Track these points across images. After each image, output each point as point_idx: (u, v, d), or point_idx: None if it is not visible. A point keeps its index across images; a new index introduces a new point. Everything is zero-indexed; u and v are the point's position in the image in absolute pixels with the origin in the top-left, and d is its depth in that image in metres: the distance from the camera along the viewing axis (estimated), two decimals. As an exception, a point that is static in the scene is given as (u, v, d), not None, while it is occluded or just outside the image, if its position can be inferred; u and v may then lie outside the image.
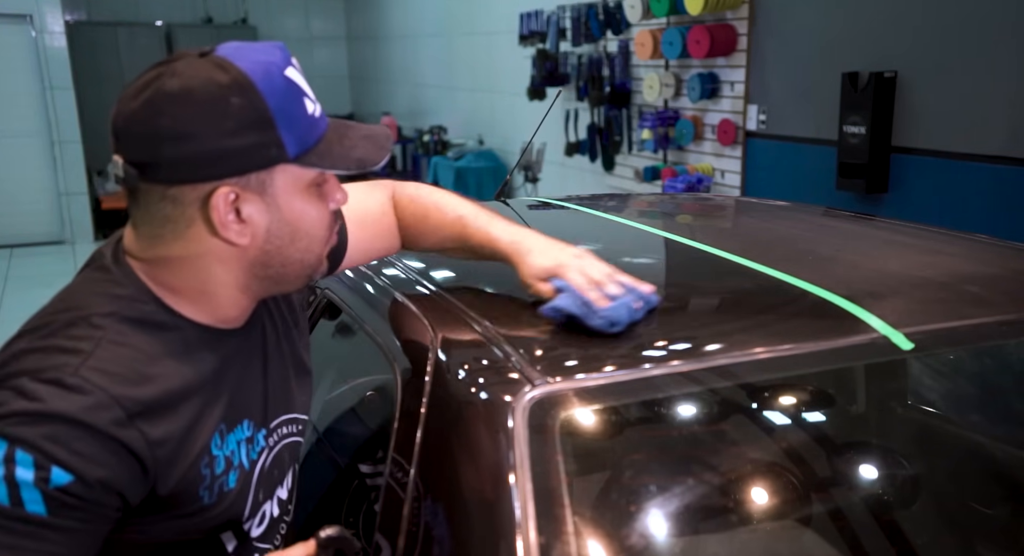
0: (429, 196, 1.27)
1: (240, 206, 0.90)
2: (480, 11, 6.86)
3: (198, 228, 0.91)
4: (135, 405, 0.86)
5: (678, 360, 1.07)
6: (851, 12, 3.44)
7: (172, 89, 0.86)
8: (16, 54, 7.34)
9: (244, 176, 0.89)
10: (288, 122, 0.89)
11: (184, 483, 0.92)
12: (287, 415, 1.11)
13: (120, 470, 0.85)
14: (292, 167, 0.91)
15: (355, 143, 0.97)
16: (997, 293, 1.32)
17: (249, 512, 1.03)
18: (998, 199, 2.95)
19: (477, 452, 0.99)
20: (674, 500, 1.07)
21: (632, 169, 4.83)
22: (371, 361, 1.32)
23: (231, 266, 0.95)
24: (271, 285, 1.00)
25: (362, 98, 10.26)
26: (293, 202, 0.93)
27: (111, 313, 0.90)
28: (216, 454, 0.96)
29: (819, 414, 1.28)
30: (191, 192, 0.89)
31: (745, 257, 1.40)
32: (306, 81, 0.94)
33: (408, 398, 1.12)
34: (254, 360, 1.05)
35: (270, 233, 0.93)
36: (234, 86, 0.87)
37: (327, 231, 0.99)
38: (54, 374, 0.84)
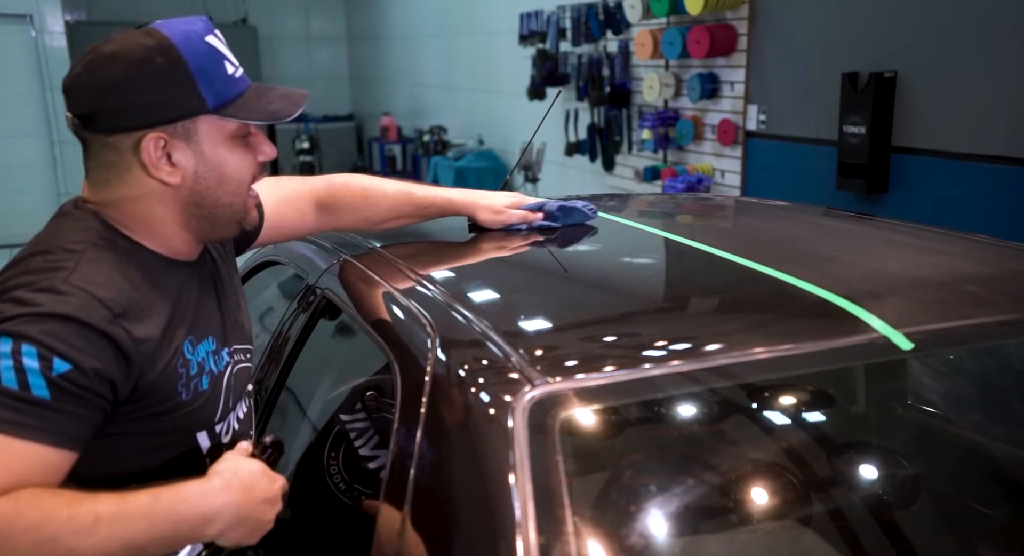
0: (363, 177, 1.52)
1: (170, 151, 1.06)
2: (480, 11, 6.86)
3: (136, 171, 1.07)
4: (118, 307, 1.00)
5: (678, 360, 1.07)
6: (851, 12, 3.43)
7: (107, 51, 1.04)
8: (16, 54, 7.33)
9: (171, 124, 1.05)
10: (207, 78, 1.05)
11: (164, 377, 1.06)
12: (240, 344, 1.25)
13: (110, 361, 0.98)
14: (213, 118, 1.07)
15: (272, 100, 1.12)
16: (997, 293, 1.32)
17: (220, 414, 1.17)
18: (998, 199, 2.95)
19: (477, 452, 0.99)
20: (674, 500, 1.07)
21: (632, 169, 4.83)
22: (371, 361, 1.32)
23: (169, 204, 1.10)
24: (208, 226, 1.14)
25: (362, 98, 10.25)
26: (217, 149, 1.09)
27: (82, 240, 1.05)
28: (189, 358, 1.10)
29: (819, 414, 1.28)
30: (127, 139, 1.05)
31: (745, 257, 1.40)
32: (227, 48, 1.11)
33: (408, 398, 1.12)
34: (208, 290, 1.20)
35: (197, 175, 1.09)
36: (158, 48, 1.04)
37: (250, 177, 1.14)
38: (47, 284, 0.98)
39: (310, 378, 1.70)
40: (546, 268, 1.47)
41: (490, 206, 1.57)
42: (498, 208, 1.57)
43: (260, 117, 1.11)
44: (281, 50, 10.13)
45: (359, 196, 1.48)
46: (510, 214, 1.57)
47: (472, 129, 7.33)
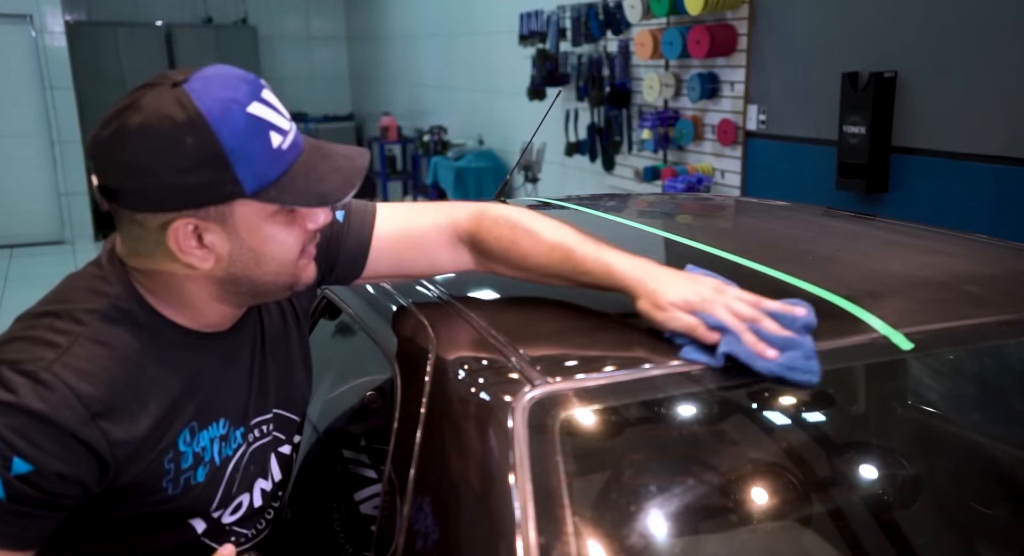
0: (520, 217, 1.20)
1: (202, 234, 0.96)
2: (480, 11, 6.86)
3: (164, 251, 0.97)
4: (99, 405, 0.92)
5: (678, 360, 1.07)
6: (851, 12, 3.43)
7: (133, 125, 0.91)
8: (16, 54, 7.34)
9: (202, 208, 0.94)
10: (246, 159, 0.92)
11: (145, 476, 0.98)
12: (274, 411, 1.16)
13: (79, 465, 0.92)
14: (251, 201, 0.95)
15: (323, 176, 0.98)
16: (997, 293, 1.32)
17: (219, 503, 1.09)
18: (998, 199, 2.95)
19: (477, 452, 0.99)
20: (674, 500, 1.07)
21: (632, 169, 4.83)
22: (371, 361, 1.32)
23: (202, 284, 1.01)
24: (248, 299, 1.05)
25: (362, 98, 10.25)
26: (256, 230, 0.97)
27: (94, 310, 0.97)
28: (184, 450, 1.02)
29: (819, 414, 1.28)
30: (154, 219, 0.95)
31: (745, 257, 1.40)
32: (279, 111, 0.96)
33: (408, 398, 1.12)
34: (239, 360, 1.10)
35: (233, 258, 0.98)
36: (189, 125, 0.90)
37: (296, 253, 1.02)
38: (30, 366, 0.91)
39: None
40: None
41: (653, 296, 1.10)
42: (660, 303, 1.09)
43: (306, 201, 0.97)
44: (281, 50, 10.13)
45: (505, 239, 1.19)
46: (672, 316, 1.08)
47: (472, 129, 7.33)
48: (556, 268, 1.18)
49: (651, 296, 1.10)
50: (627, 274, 1.13)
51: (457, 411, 1.04)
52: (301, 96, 9.93)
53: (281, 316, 1.18)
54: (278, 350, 1.16)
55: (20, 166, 7.56)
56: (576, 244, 1.17)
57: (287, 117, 0.98)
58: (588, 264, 1.16)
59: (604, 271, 1.15)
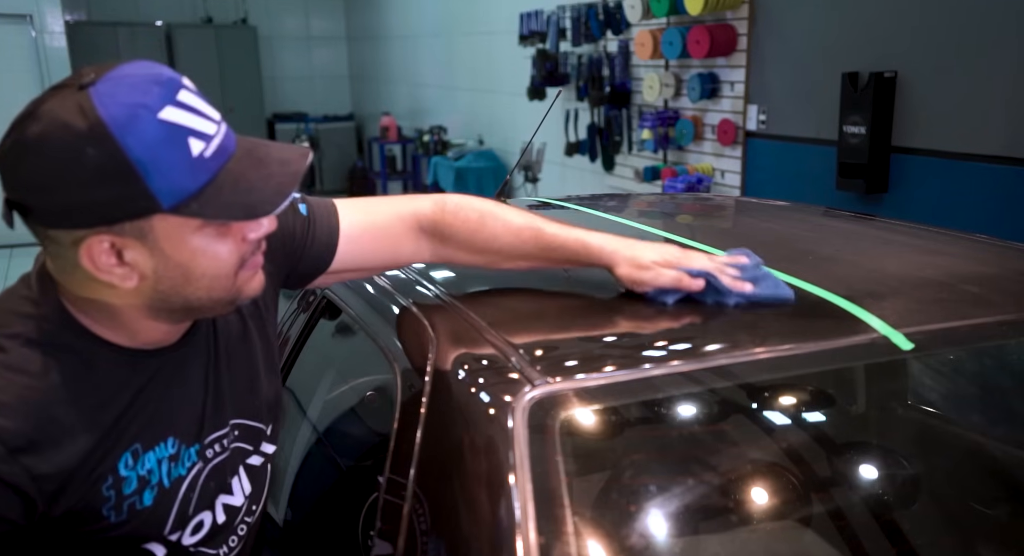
0: (484, 203, 1.22)
1: (121, 250, 0.86)
2: (480, 11, 6.86)
3: (82, 270, 0.87)
4: (20, 439, 0.84)
5: (678, 360, 1.07)
6: (851, 12, 3.44)
7: (31, 136, 0.82)
8: (16, 54, 7.34)
9: (116, 224, 0.84)
10: (158, 171, 0.81)
11: (82, 505, 0.91)
12: (232, 422, 1.07)
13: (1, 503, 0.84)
14: (171, 216, 0.85)
15: (252, 185, 0.87)
16: (997, 293, 1.32)
17: (172, 525, 1.01)
18: (998, 199, 2.95)
19: (477, 452, 0.99)
20: (674, 500, 1.07)
21: (632, 169, 4.83)
22: (371, 361, 1.32)
23: (131, 302, 0.91)
24: (184, 315, 0.96)
25: (362, 98, 10.26)
26: (182, 245, 0.87)
27: (17, 335, 0.89)
28: (125, 475, 0.94)
29: (819, 414, 1.28)
30: (67, 236, 0.86)
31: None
32: (200, 113, 0.85)
33: (408, 398, 1.12)
34: (189, 375, 1.02)
35: (159, 275, 0.88)
36: (90, 135, 0.80)
37: (232, 268, 0.92)
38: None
39: (310, 379, 1.70)
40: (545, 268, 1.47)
41: (634, 259, 1.19)
42: (643, 262, 1.18)
43: (231, 215, 0.87)
44: (281, 50, 10.14)
45: (472, 223, 1.19)
46: (658, 273, 1.17)
47: (472, 129, 7.33)
48: (526, 247, 1.22)
49: (632, 260, 1.20)
50: (602, 246, 1.21)
51: (457, 411, 1.04)
52: (301, 96, 9.94)
53: (239, 316, 1.09)
54: (236, 356, 1.07)
55: (20, 166, 7.55)
56: (544, 224, 1.22)
57: (213, 119, 0.86)
58: (560, 239, 1.21)
59: (579, 245, 1.21)
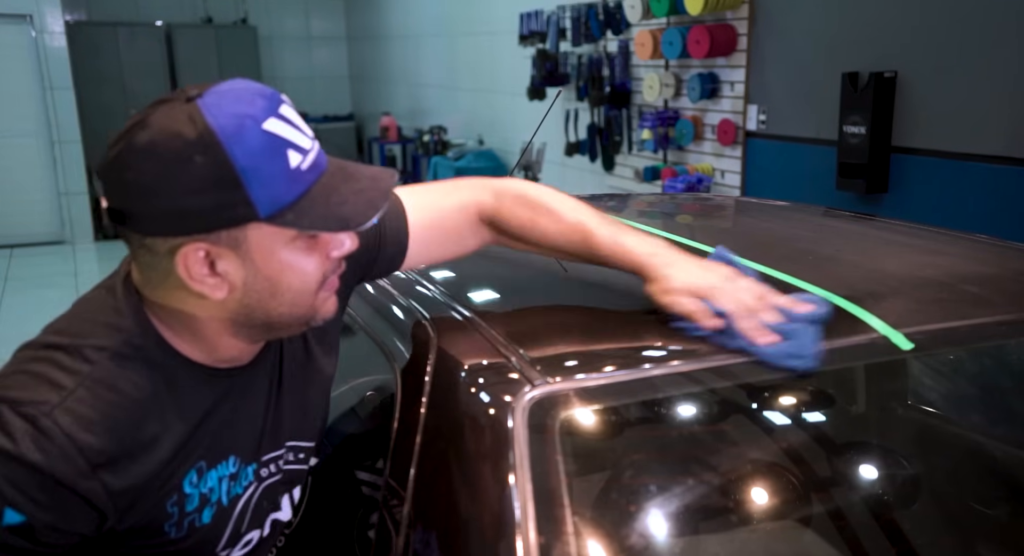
0: (540, 197, 1.21)
1: (214, 260, 0.89)
2: (480, 11, 6.86)
3: (174, 278, 0.90)
4: (99, 455, 0.87)
5: (678, 360, 1.07)
6: (851, 12, 3.43)
7: (139, 143, 0.85)
8: (16, 54, 7.33)
9: (213, 233, 0.87)
10: (260, 180, 0.85)
11: (147, 521, 0.94)
12: (287, 444, 1.10)
13: (74, 516, 0.87)
14: (266, 225, 0.88)
15: (345, 199, 0.91)
16: (997, 293, 1.32)
17: (226, 542, 1.04)
18: (998, 199, 2.94)
19: (477, 452, 0.99)
20: (674, 500, 1.07)
21: (632, 169, 4.83)
22: (371, 361, 1.32)
23: (216, 315, 0.94)
24: (262, 333, 0.98)
25: (362, 98, 10.25)
26: (274, 257, 0.90)
27: (104, 347, 0.90)
28: (189, 492, 0.97)
29: (819, 414, 1.28)
30: (163, 244, 0.88)
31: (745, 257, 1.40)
32: (298, 128, 0.89)
33: (408, 398, 1.12)
34: (257, 396, 1.05)
35: (248, 287, 0.91)
36: (199, 143, 0.84)
37: (316, 283, 0.95)
38: (31, 410, 0.85)
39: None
40: (545, 268, 1.47)
41: (663, 281, 1.14)
42: (668, 287, 1.13)
43: (325, 225, 0.90)
44: (281, 50, 10.13)
45: (525, 221, 1.20)
46: (676, 301, 1.12)
47: (472, 129, 7.33)
48: (575, 248, 1.21)
49: (661, 281, 1.14)
50: (643, 258, 1.17)
51: (457, 411, 1.04)
52: (301, 96, 9.93)
53: (303, 339, 1.12)
54: (298, 379, 1.10)
55: (20, 166, 7.56)
56: (595, 226, 1.20)
57: (308, 135, 0.91)
58: (606, 246, 1.19)
59: (621, 254, 1.18)
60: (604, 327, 1.21)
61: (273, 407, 1.07)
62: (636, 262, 1.18)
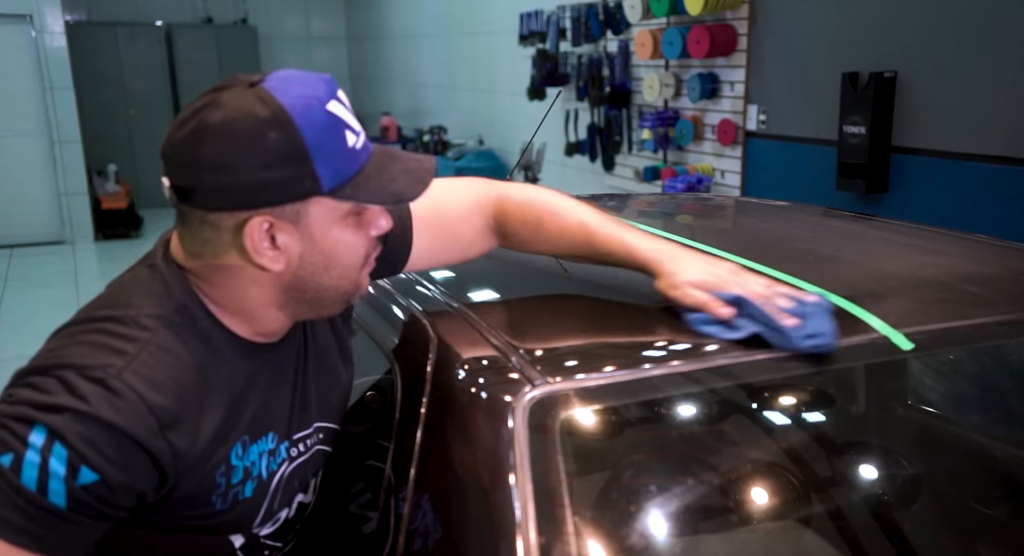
0: (541, 200, 1.24)
1: (274, 234, 0.94)
2: (480, 11, 6.86)
3: (234, 253, 0.95)
4: (167, 415, 0.90)
5: (678, 360, 1.07)
6: (851, 12, 3.44)
7: (214, 121, 0.90)
8: (16, 54, 7.33)
9: (279, 207, 0.92)
10: (324, 156, 0.91)
11: (199, 490, 0.96)
12: (315, 425, 1.13)
13: (143, 475, 0.90)
14: (327, 199, 0.94)
15: (394, 176, 0.98)
16: (997, 293, 1.32)
17: (262, 518, 1.07)
18: (998, 199, 2.95)
19: (477, 452, 0.99)
20: (674, 500, 1.07)
21: (632, 169, 4.83)
22: (371, 361, 1.32)
23: (267, 288, 0.99)
24: (308, 308, 1.03)
25: (362, 98, 10.26)
26: (328, 231, 0.96)
27: (158, 316, 0.94)
28: (235, 464, 1.00)
29: (819, 414, 1.28)
30: (228, 219, 0.93)
31: (745, 257, 1.40)
32: (351, 113, 0.97)
33: (408, 398, 1.12)
34: (286, 373, 1.08)
35: (303, 260, 0.97)
36: (272, 121, 0.89)
37: (363, 258, 1.02)
38: (100, 373, 0.88)
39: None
40: (545, 268, 1.47)
41: (671, 275, 1.16)
42: (676, 281, 1.15)
43: (380, 199, 0.97)
44: (281, 50, 10.13)
45: (531, 226, 1.24)
46: (686, 293, 1.14)
47: (472, 129, 7.33)
48: (578, 249, 1.24)
49: (668, 276, 1.17)
50: (647, 255, 1.19)
51: (457, 411, 1.05)
52: (301, 96, 9.92)
53: (327, 322, 1.16)
54: (323, 361, 1.14)
55: (20, 166, 7.56)
56: (597, 226, 1.23)
57: (357, 121, 0.98)
58: (610, 245, 1.22)
59: (625, 252, 1.21)
60: (604, 327, 1.21)
61: (301, 386, 1.10)
62: (641, 259, 1.20)
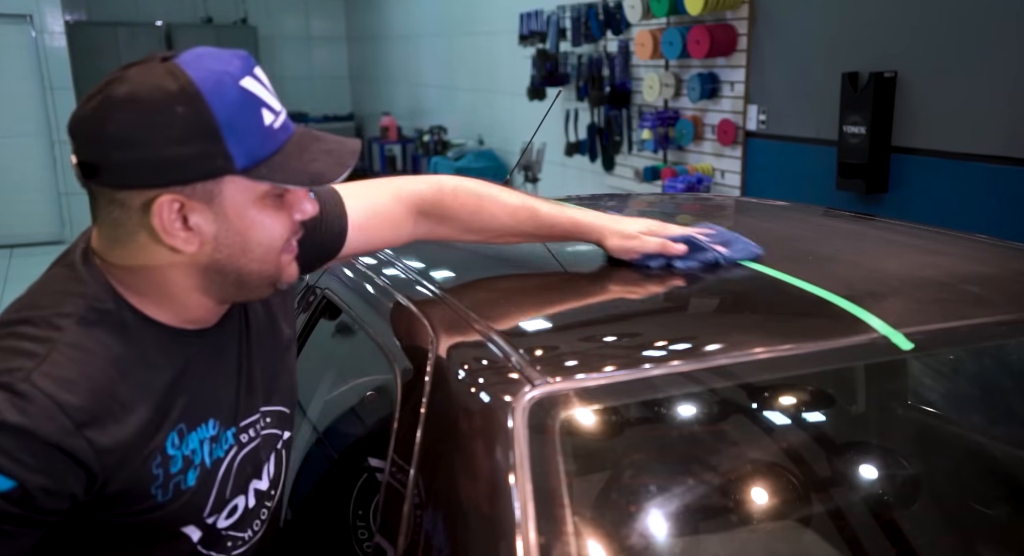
0: (476, 184, 1.31)
1: (187, 214, 0.91)
2: (480, 11, 6.86)
3: (146, 233, 0.92)
4: (82, 414, 0.87)
5: (678, 360, 1.07)
6: (851, 12, 3.43)
7: (119, 95, 0.87)
8: (16, 54, 7.33)
9: (189, 185, 0.89)
10: (237, 134, 0.88)
11: (133, 482, 0.93)
12: (262, 409, 1.11)
13: (65, 477, 0.87)
14: (241, 178, 0.91)
15: (315, 157, 0.95)
16: (997, 293, 1.32)
17: (212, 508, 1.04)
18: (998, 199, 2.95)
19: (477, 452, 0.99)
20: (674, 500, 1.07)
21: (632, 169, 4.83)
22: (371, 361, 1.32)
23: (186, 272, 0.95)
24: (234, 291, 1.00)
25: (362, 98, 10.25)
26: (245, 212, 0.93)
27: (70, 314, 0.91)
28: (172, 454, 0.97)
29: (819, 414, 1.28)
30: (136, 197, 0.90)
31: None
32: (270, 91, 0.93)
33: (408, 398, 1.12)
34: (226, 359, 1.06)
35: (219, 242, 0.93)
36: (180, 94, 0.86)
37: (284, 242, 0.98)
38: (6, 378, 0.85)
39: (310, 378, 1.70)
40: (545, 268, 1.47)
41: (621, 231, 1.33)
42: (630, 233, 1.32)
43: (298, 180, 0.94)
44: (281, 50, 10.13)
45: (471, 205, 1.27)
46: (644, 241, 1.32)
47: (472, 129, 7.32)
48: (522, 227, 1.32)
49: (619, 233, 1.33)
50: (592, 222, 1.35)
51: (457, 411, 1.04)
52: (301, 96, 9.93)
53: (265, 305, 1.14)
54: (265, 345, 1.12)
55: (20, 166, 7.55)
56: (538, 204, 1.33)
57: (277, 100, 0.95)
58: (554, 218, 1.33)
59: (570, 223, 1.34)
60: (604, 327, 1.21)
61: (246, 371, 1.08)
62: (587, 226, 1.34)
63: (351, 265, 1.53)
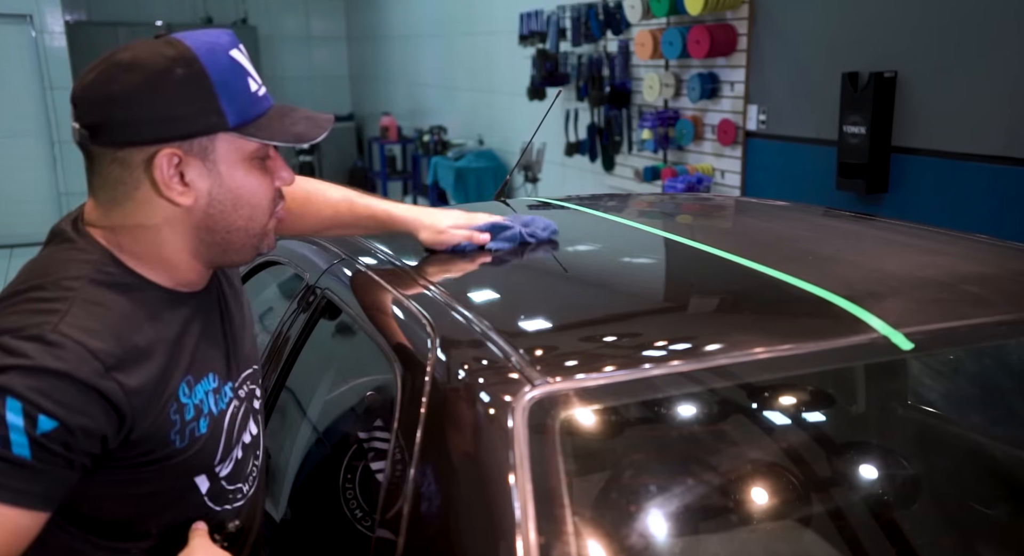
0: (305, 181, 1.40)
1: (183, 170, 0.99)
2: (480, 11, 6.86)
3: (145, 189, 1.00)
4: (111, 358, 0.93)
5: (678, 360, 1.07)
6: (851, 12, 3.44)
7: (123, 59, 0.97)
8: (16, 54, 7.34)
9: (187, 141, 0.98)
10: (229, 94, 0.99)
11: (155, 427, 0.99)
12: (249, 369, 1.20)
13: (100, 417, 0.93)
14: (233, 136, 1.00)
15: (296, 121, 1.05)
16: (997, 293, 1.32)
17: (221, 456, 1.11)
18: (998, 199, 2.95)
19: (477, 452, 0.99)
20: (674, 500, 1.07)
21: (632, 169, 4.83)
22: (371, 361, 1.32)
23: (179, 229, 1.03)
24: (220, 252, 1.07)
25: (362, 98, 10.25)
26: (235, 170, 1.02)
27: (80, 276, 0.98)
28: (185, 402, 1.04)
29: (819, 414, 1.28)
30: (137, 154, 0.98)
31: (745, 257, 1.40)
32: (252, 66, 1.04)
33: (408, 398, 1.12)
34: (213, 321, 1.14)
35: (212, 197, 1.02)
36: (179, 59, 0.97)
37: (269, 203, 1.07)
38: (35, 331, 0.91)
39: (310, 378, 1.70)
40: (546, 268, 1.47)
41: (432, 226, 1.46)
42: (439, 228, 1.46)
43: (283, 138, 1.02)
44: (281, 50, 10.13)
45: (300, 201, 1.36)
46: (452, 234, 1.47)
47: (472, 129, 7.33)
48: (342, 218, 1.43)
49: (430, 227, 1.47)
50: (405, 215, 1.48)
51: (457, 411, 1.04)
52: (301, 96, 9.94)
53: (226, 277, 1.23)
54: (236, 311, 1.21)
55: (20, 166, 7.56)
56: (356, 197, 1.45)
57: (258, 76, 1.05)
58: (371, 211, 1.46)
59: (386, 216, 1.47)
60: (604, 327, 1.21)
61: (229, 332, 1.16)
62: (400, 219, 1.47)
63: (351, 265, 1.53)
